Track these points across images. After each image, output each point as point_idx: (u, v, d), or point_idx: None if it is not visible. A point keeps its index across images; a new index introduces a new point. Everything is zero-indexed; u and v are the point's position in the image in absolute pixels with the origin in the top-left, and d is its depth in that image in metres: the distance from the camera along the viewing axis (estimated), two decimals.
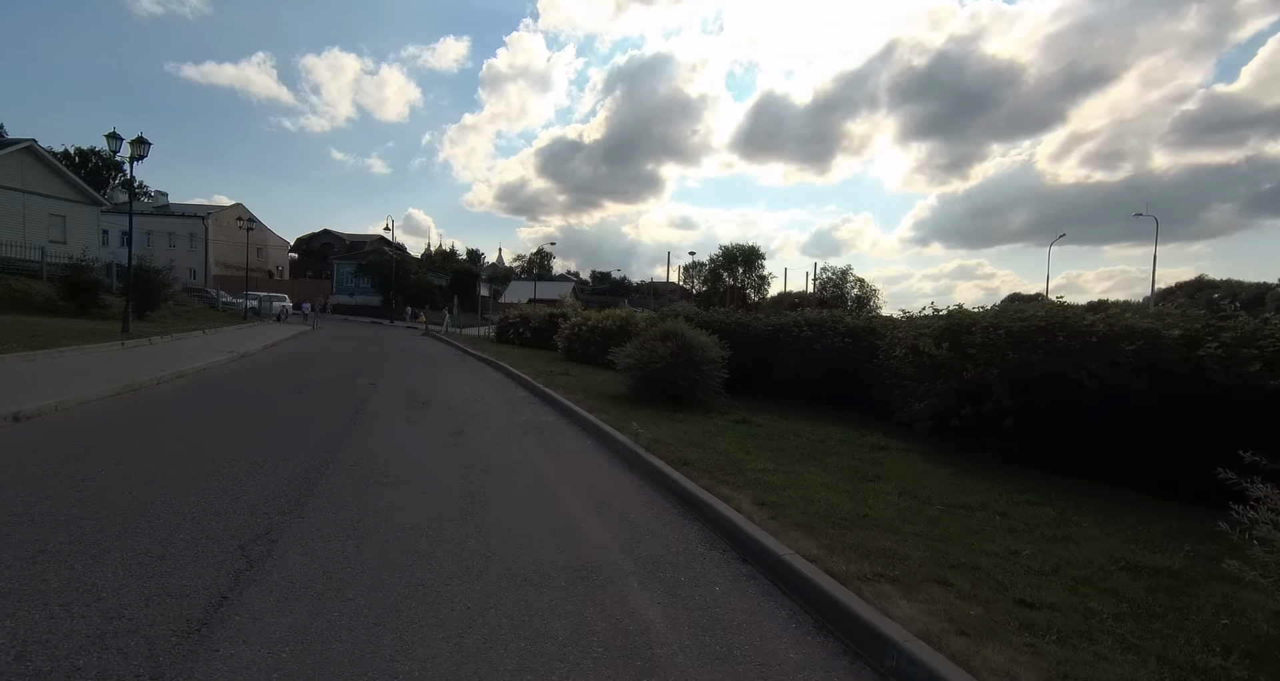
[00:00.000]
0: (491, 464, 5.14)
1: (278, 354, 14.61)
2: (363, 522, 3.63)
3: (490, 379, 12.22)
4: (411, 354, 17.59)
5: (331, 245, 57.99)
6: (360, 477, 4.52)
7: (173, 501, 3.78)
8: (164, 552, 3.01)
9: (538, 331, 24.19)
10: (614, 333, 17.00)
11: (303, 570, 2.91)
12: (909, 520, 3.86)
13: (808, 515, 3.79)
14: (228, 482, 4.23)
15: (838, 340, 10.20)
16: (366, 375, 11.20)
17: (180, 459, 4.77)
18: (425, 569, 3.02)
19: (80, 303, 19.10)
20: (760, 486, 4.43)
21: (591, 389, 10.13)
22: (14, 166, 24.48)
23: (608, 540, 3.58)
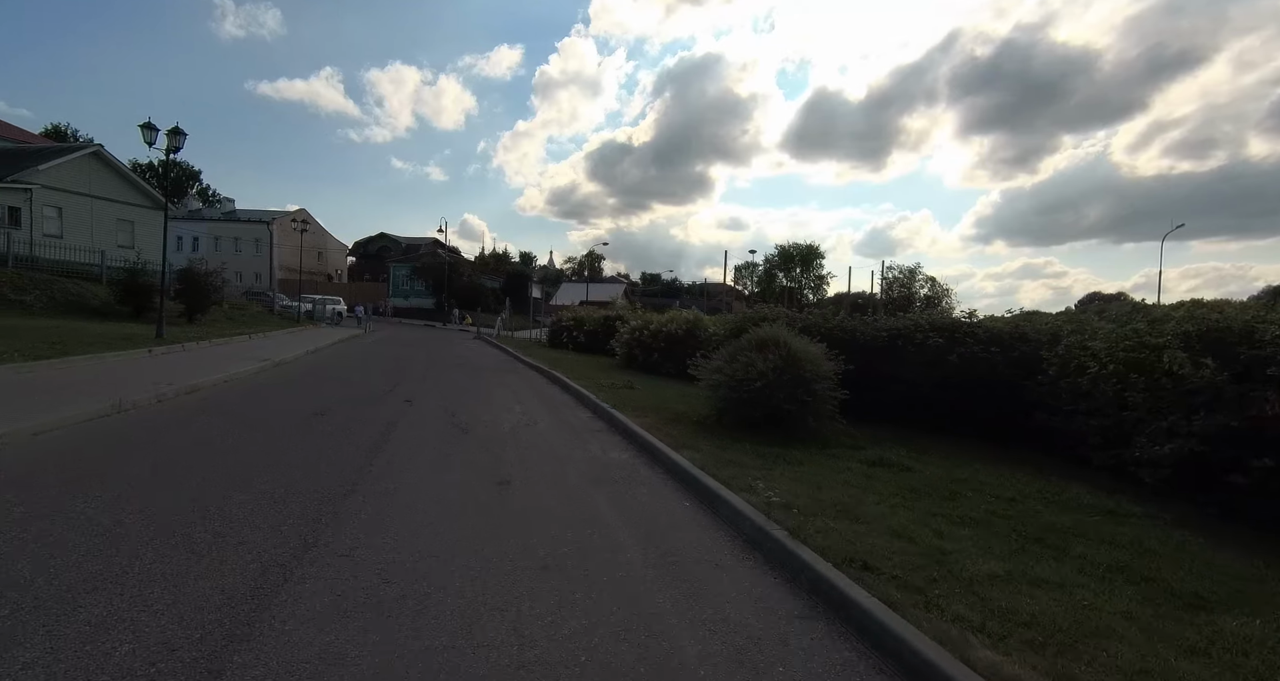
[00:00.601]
0: (552, 555, 3.34)
1: (315, 361, 13.47)
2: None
3: (544, 393, 10.55)
4: (459, 361, 16.24)
5: (388, 248, 58.68)
6: (344, 588, 2.79)
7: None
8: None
9: (592, 336, 22.60)
10: (679, 338, 15.11)
11: None
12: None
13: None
14: (128, 604, 2.59)
15: (979, 349, 7.98)
16: (404, 389, 9.73)
17: (72, 555, 3.19)
18: None
19: (136, 306, 18.79)
20: (1036, 634, 2.44)
21: (666, 409, 8.28)
22: (81, 171, 24.88)
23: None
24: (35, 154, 24.19)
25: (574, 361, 16.81)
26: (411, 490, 4.27)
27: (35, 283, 17.66)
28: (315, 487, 4.18)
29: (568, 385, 11.01)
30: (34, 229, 22.59)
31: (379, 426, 6.48)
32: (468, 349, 21.55)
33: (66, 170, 24.32)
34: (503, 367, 15.07)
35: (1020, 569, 3.15)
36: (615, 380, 11.92)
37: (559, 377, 12.02)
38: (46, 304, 17.15)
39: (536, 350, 21.02)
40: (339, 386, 9.64)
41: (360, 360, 14.72)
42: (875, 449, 6.39)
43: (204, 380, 8.48)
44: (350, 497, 4.02)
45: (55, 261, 19.56)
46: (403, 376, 11.54)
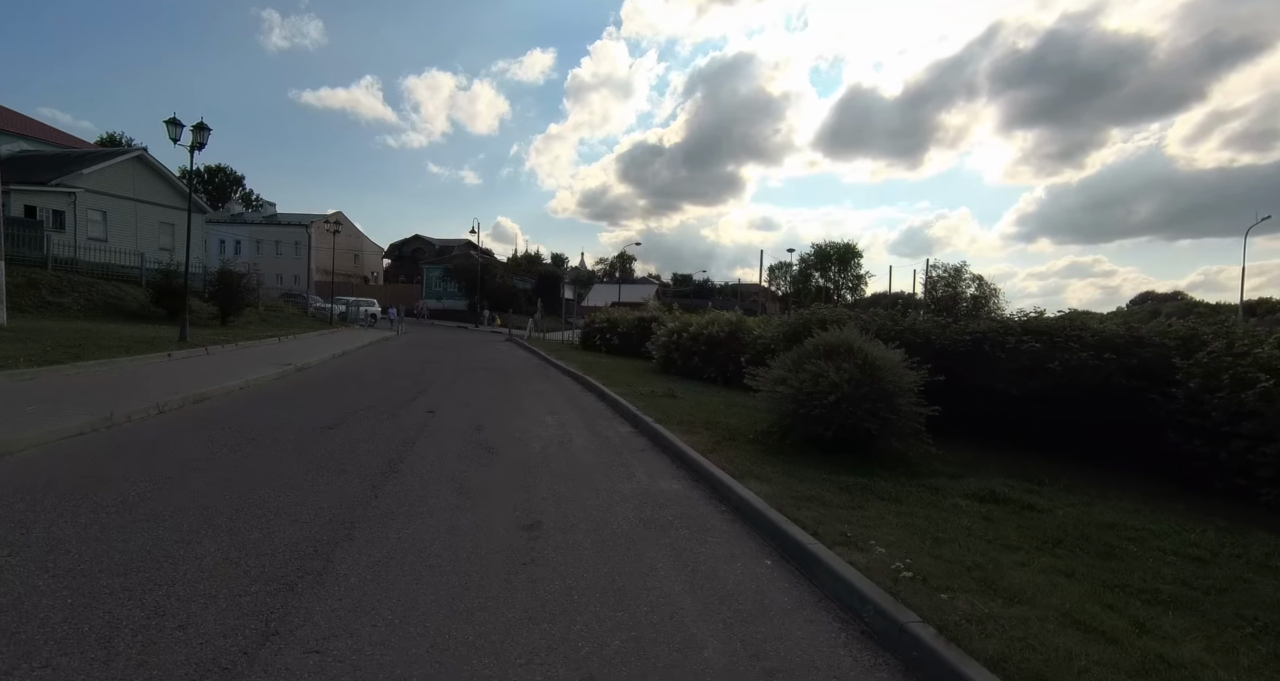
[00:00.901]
0: (598, 657, 2.41)
1: (341, 366, 12.92)
2: None
3: (579, 402, 9.67)
4: (489, 365, 15.55)
5: (422, 250, 59.09)
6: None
7: None
8: None
9: (626, 338, 21.71)
10: (721, 341, 14.07)
11: None
12: None
13: None
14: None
15: (1088, 355, 6.78)
16: (429, 397, 8.99)
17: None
18: None
19: (171, 308, 18.74)
20: None
21: (716, 423, 7.30)
22: (125, 175, 25.26)
23: None
24: (80, 158, 24.65)
25: (608, 365, 15.96)
26: (417, 542, 3.40)
27: (74, 285, 17.73)
28: (300, 535, 3.35)
29: (604, 393, 10.12)
30: (78, 232, 22.94)
31: (394, 445, 5.68)
32: (498, 351, 20.93)
33: (111, 174, 24.72)
34: (534, 372, 14.29)
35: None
36: (654, 387, 10.98)
37: (594, 384, 11.15)
38: (84, 306, 17.18)
39: (569, 353, 20.26)
40: (359, 394, 8.95)
41: (387, 364, 14.15)
42: (976, 478, 5.29)
43: (216, 387, 7.88)
44: (340, 551, 3.17)
45: (96, 264, 19.70)
46: (429, 382, 10.83)
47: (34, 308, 15.86)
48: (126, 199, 25.23)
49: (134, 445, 5.05)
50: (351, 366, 12.94)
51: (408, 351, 18.45)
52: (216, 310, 19.65)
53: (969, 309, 47.08)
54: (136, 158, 25.63)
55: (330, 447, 5.41)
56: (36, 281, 16.75)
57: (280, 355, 12.82)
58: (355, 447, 5.47)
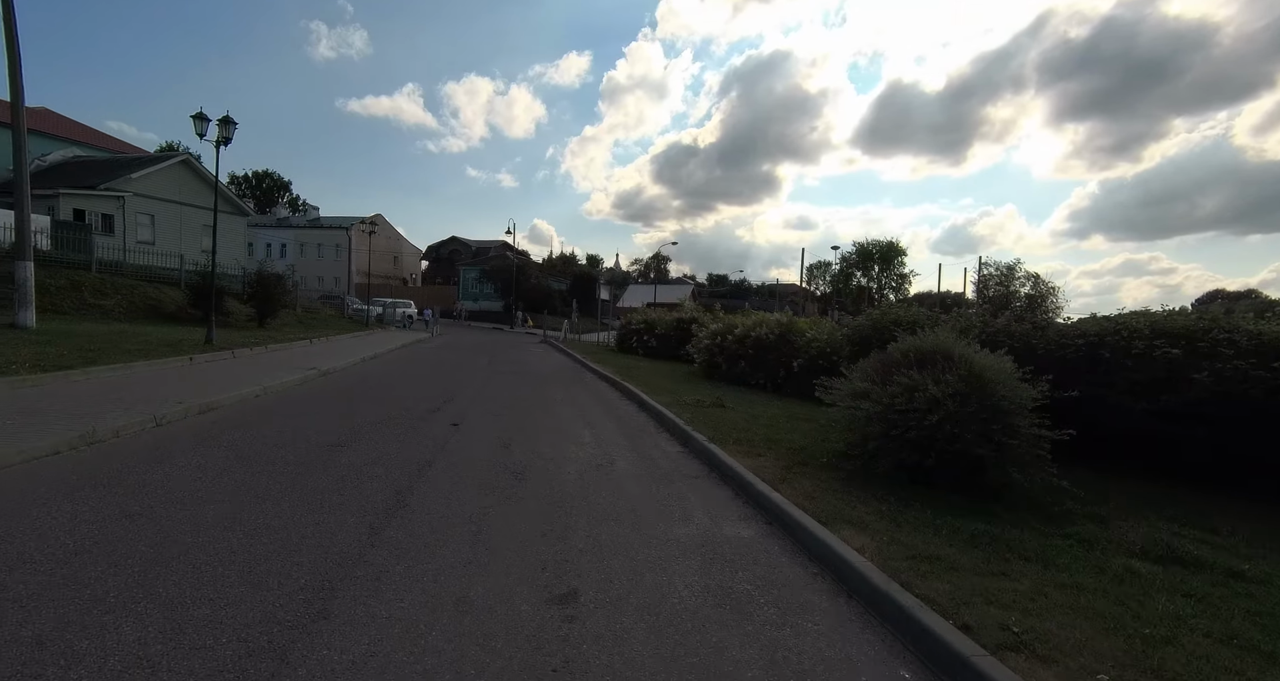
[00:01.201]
0: None
1: (368, 370, 12.34)
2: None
3: (617, 412, 8.75)
4: (521, 369, 14.80)
5: (459, 252, 59.44)
6: None
7: None
8: None
9: (664, 340, 20.74)
10: (770, 344, 12.95)
11: None
12: None
13: None
14: None
15: (1248, 364, 5.50)
16: (455, 406, 8.21)
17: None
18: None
19: (207, 310, 18.70)
20: None
21: (778, 441, 6.27)
22: (171, 179, 25.68)
23: None
24: (129, 163, 25.16)
25: (647, 369, 15.03)
26: (412, 626, 2.50)
27: (117, 287, 17.81)
28: (259, 613, 2.50)
29: (645, 402, 9.17)
30: (127, 235, 23.35)
31: (406, 470, 4.86)
32: (532, 354, 20.25)
33: (158, 178, 25.15)
34: (569, 377, 13.46)
35: None
36: (700, 395, 9.98)
37: (634, 392, 10.21)
38: (126, 308, 17.22)
39: (605, 356, 19.42)
40: (382, 402, 8.24)
41: (417, 368, 13.54)
42: (1128, 523, 4.13)
43: (229, 395, 7.26)
44: (304, 643, 2.30)
45: (139, 266, 19.86)
46: (458, 388, 10.09)
47: (75, 310, 15.91)
48: (172, 203, 25.65)
49: (103, 471, 4.35)
50: (379, 371, 12.35)
51: (440, 354, 17.91)
52: (253, 312, 19.55)
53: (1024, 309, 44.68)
54: (182, 162, 26.04)
55: (332, 474, 4.61)
56: (80, 284, 16.85)
57: (308, 358, 12.33)
58: (361, 474, 4.66)
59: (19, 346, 8.57)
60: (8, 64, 10.26)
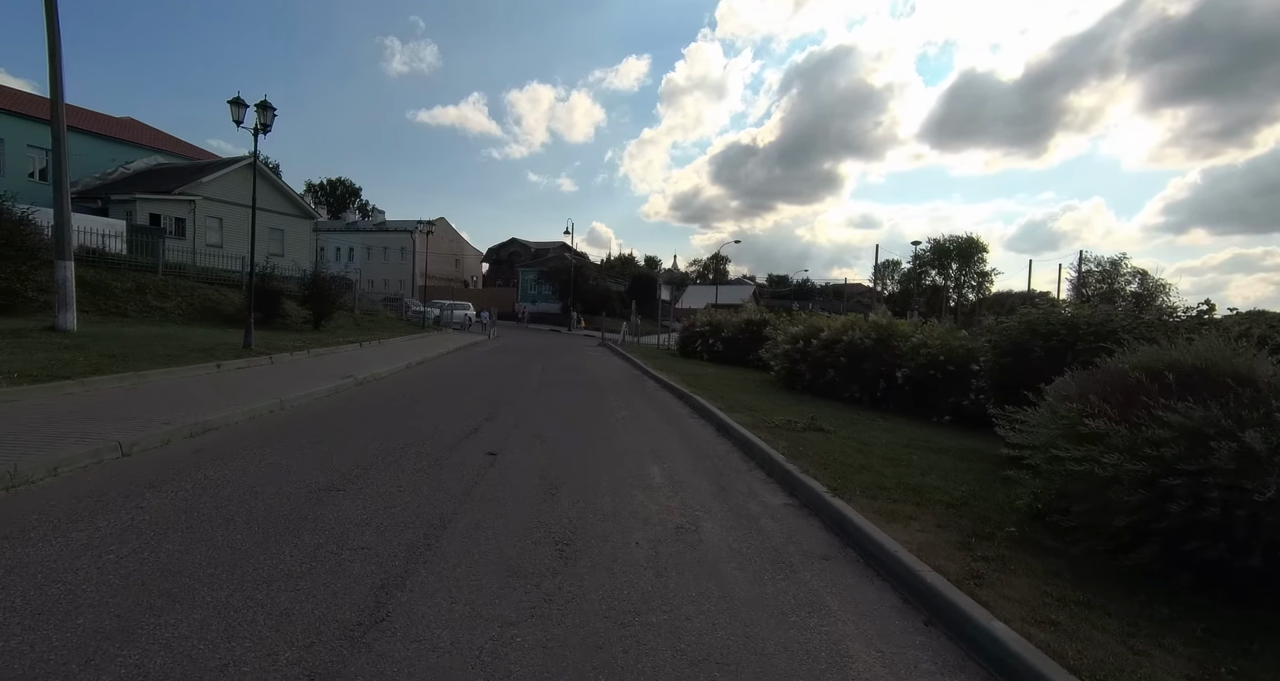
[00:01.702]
0: None
1: (410, 378, 11.26)
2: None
3: (693, 438, 7.11)
4: (578, 377, 13.41)
5: (518, 253, 59.49)
6: None
7: None
8: None
9: (731, 344, 18.93)
10: (866, 351, 10.96)
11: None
12: None
13: None
14: None
15: None
16: (496, 427, 6.83)
17: None
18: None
19: (265, 312, 18.47)
20: None
21: (924, 488, 4.50)
22: (239, 183, 26.08)
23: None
24: (202, 168, 25.76)
25: (715, 378, 13.32)
26: None
27: (179, 290, 17.80)
28: None
29: (723, 422, 7.50)
30: (197, 238, 23.79)
31: (411, 535, 3.42)
32: (590, 359, 18.92)
33: (227, 182, 25.62)
34: (630, 386, 11.94)
35: None
36: (788, 412, 8.22)
37: (706, 407, 8.56)
38: (185, 310, 17.12)
39: (667, 361, 17.84)
40: (411, 420, 6.98)
41: (465, 374, 12.40)
42: None
43: (235, 412, 6.16)
44: None
45: (203, 269, 19.97)
46: (505, 400, 8.76)
47: (137, 312, 15.84)
48: (241, 206, 26.06)
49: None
50: (423, 378, 11.26)
51: (492, 359, 16.85)
52: (309, 314, 19.19)
53: (1131, 308, 40.10)
54: (249, 165, 26.43)
55: (302, 545, 3.23)
56: (144, 286, 16.86)
57: (350, 364, 11.40)
58: (344, 544, 3.26)
59: (36, 352, 7.89)
60: (49, 63, 9.80)
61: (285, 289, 19.32)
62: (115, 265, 17.02)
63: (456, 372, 12.57)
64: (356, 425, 6.46)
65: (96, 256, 16.65)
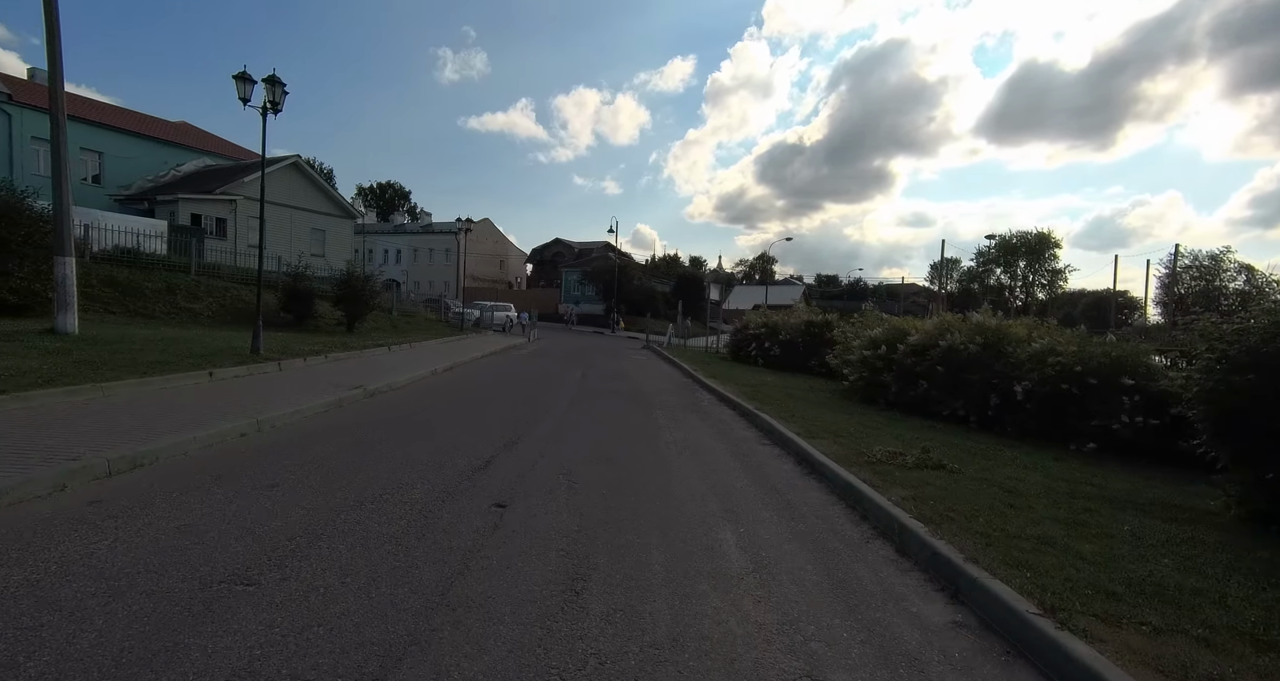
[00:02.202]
0: None
1: (429, 388, 9.96)
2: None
3: (772, 480, 5.38)
4: (620, 386, 11.86)
5: (562, 254, 58.69)
6: None
7: None
8: None
9: (789, 348, 17.03)
10: (971, 360, 8.97)
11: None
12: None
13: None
14: None
15: None
16: (513, 461, 5.32)
17: None
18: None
19: (298, 313, 17.77)
20: None
21: (1168, 589, 2.63)
22: (281, 183, 25.87)
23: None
24: (245, 169, 25.64)
25: (778, 387, 11.54)
26: None
27: (211, 290, 17.26)
28: None
29: (806, 454, 5.77)
30: (238, 239, 23.55)
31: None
32: (633, 364, 17.37)
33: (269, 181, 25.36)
34: (681, 400, 10.28)
35: None
36: (884, 438, 6.43)
37: (780, 431, 6.83)
38: (215, 312, 16.53)
39: (718, 367, 16.10)
40: (412, 446, 5.57)
41: (493, 383, 11.04)
42: None
43: (190, 438, 4.89)
44: None
45: (238, 269, 19.50)
46: (532, 419, 7.29)
47: (166, 313, 15.29)
48: (283, 206, 25.84)
49: None
50: (445, 388, 9.94)
51: (528, 364, 15.52)
52: (342, 316, 18.38)
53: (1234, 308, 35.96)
54: (292, 165, 26.21)
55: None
56: (175, 287, 16.35)
57: (369, 371, 10.21)
58: None
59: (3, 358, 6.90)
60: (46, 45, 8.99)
61: (319, 289, 18.60)
62: (150, 265, 16.60)
63: (485, 381, 11.23)
64: (336, 457, 5.08)
65: (131, 256, 16.26)
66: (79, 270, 14.87)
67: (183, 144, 27.64)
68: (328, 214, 28.10)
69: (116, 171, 25.17)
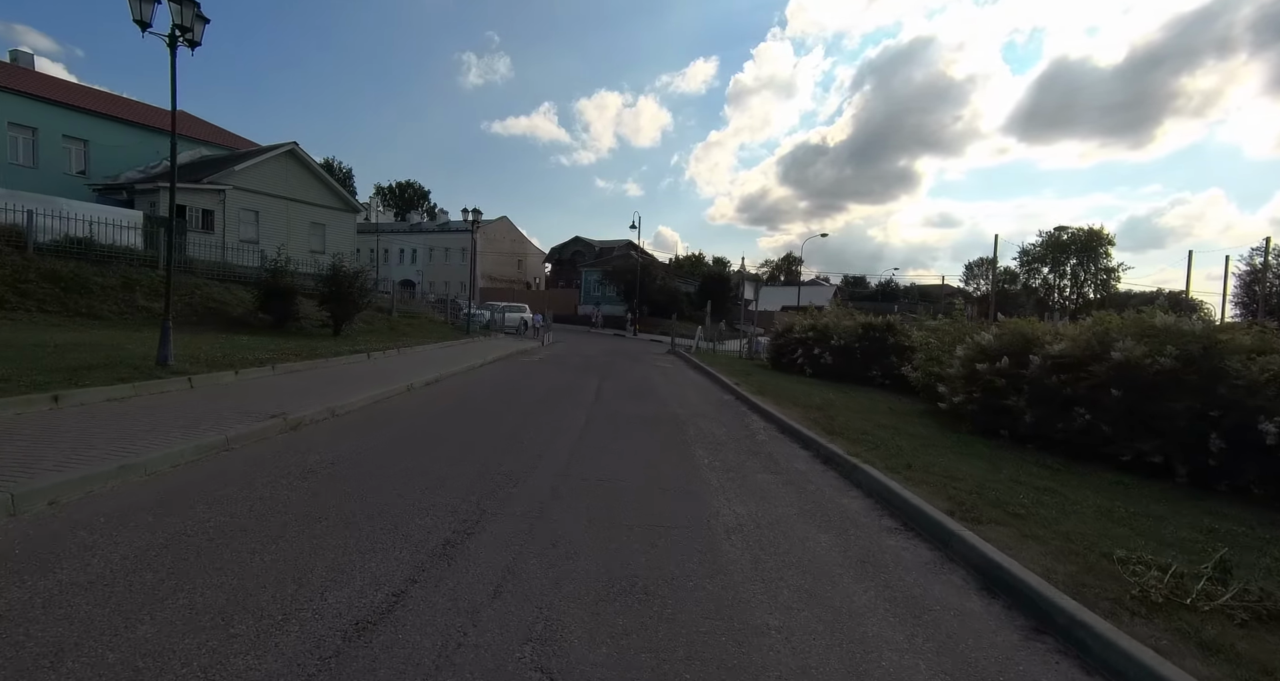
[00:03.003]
0: None
1: (392, 412, 7.48)
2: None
3: (949, 635, 2.70)
4: (645, 409, 9.22)
5: (581, 253, 56.36)
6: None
7: None
8: None
9: (844, 355, 14.25)
10: (1167, 382, 6.10)
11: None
12: None
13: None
14: None
15: None
16: (465, 569, 2.74)
17: None
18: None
19: (276, 314, 15.58)
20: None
21: None
22: (276, 173, 23.87)
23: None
24: (236, 157, 23.73)
25: (848, 408, 8.81)
26: None
27: (179, 288, 15.14)
28: None
29: (995, 569, 3.07)
30: (227, 232, 21.55)
31: None
32: (661, 373, 14.75)
33: (263, 171, 23.40)
34: (729, 431, 7.58)
35: None
36: (1090, 516, 3.66)
37: (918, 507, 4.13)
38: (180, 312, 14.35)
39: (763, 377, 13.38)
40: (273, 551, 3.05)
41: (481, 402, 8.52)
42: None
43: None
44: None
45: (215, 264, 17.44)
46: (515, 473, 4.72)
47: (115, 313, 13.18)
48: (278, 198, 23.86)
49: None
50: (404, 415, 7.45)
51: (536, 374, 13.02)
52: (328, 317, 16.14)
53: None
54: (288, 153, 24.22)
55: None
56: (134, 283, 14.27)
57: (315, 390, 7.79)
58: None
59: None
60: None
61: (303, 287, 16.41)
62: (107, 259, 14.55)
63: (468, 402, 8.71)
64: (124, 578, 2.56)
65: (83, 248, 14.20)
66: (17, 262, 12.90)
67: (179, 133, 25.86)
68: (328, 207, 26.07)
69: (104, 161, 23.47)
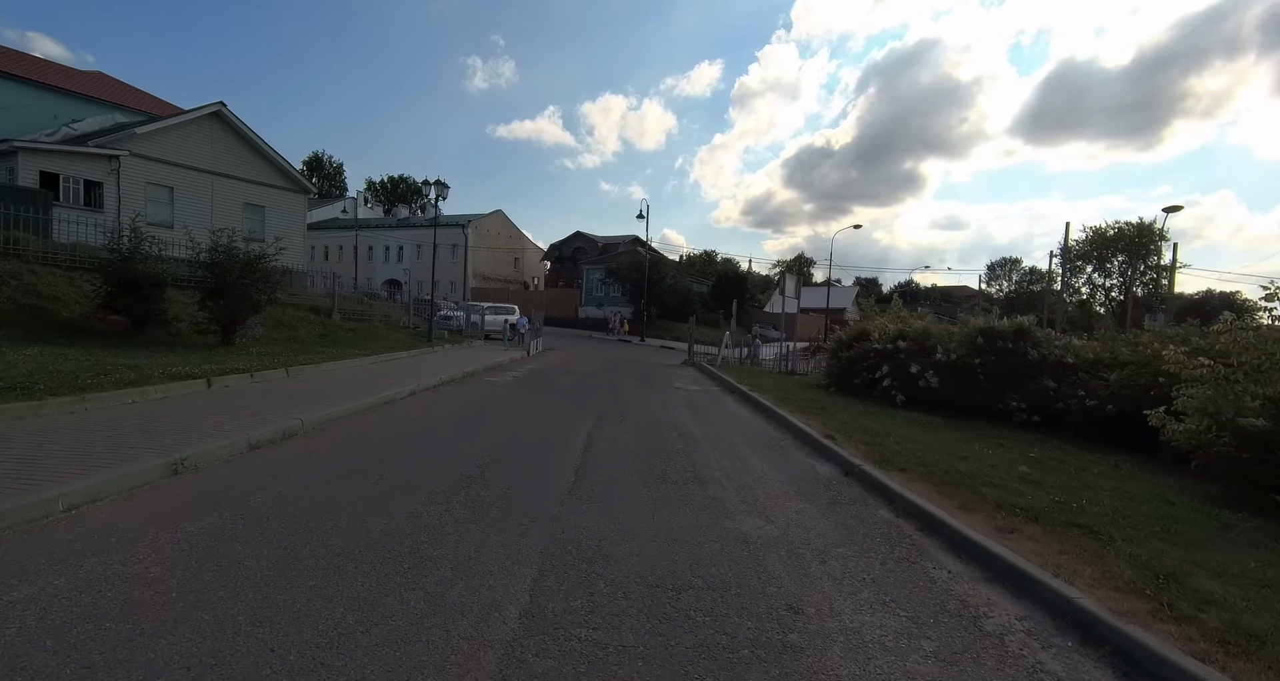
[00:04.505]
0: None
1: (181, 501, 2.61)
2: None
3: None
4: (668, 467, 4.27)
5: (583, 249, 51.63)
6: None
7: None
8: None
9: (960, 376, 9.42)
10: None
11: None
12: None
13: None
14: None
15: None
16: None
17: None
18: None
19: (133, 314, 10.84)
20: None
21: None
22: (197, 140, 19.12)
23: None
24: (149, 122, 19.02)
25: (1066, 487, 3.86)
26: None
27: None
28: None
29: None
30: (122, 210, 16.80)
31: None
32: (685, 404, 9.84)
33: (177, 137, 18.66)
34: (874, 589, 2.71)
35: None
36: None
37: None
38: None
39: (845, 415, 8.35)
40: None
41: (353, 494, 3.73)
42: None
43: None
44: None
45: (65, 245, 12.69)
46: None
47: None
48: (200, 171, 19.17)
49: None
50: (194, 532, 2.64)
51: (506, 402, 8.19)
52: (210, 319, 11.37)
53: None
54: (213, 115, 19.50)
55: None
56: None
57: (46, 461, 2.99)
58: None
59: None
60: None
61: (177, 275, 11.69)
62: None
63: (339, 486, 3.88)
64: None
65: None
66: None
67: (89, 95, 21.25)
68: (269, 185, 21.32)
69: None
